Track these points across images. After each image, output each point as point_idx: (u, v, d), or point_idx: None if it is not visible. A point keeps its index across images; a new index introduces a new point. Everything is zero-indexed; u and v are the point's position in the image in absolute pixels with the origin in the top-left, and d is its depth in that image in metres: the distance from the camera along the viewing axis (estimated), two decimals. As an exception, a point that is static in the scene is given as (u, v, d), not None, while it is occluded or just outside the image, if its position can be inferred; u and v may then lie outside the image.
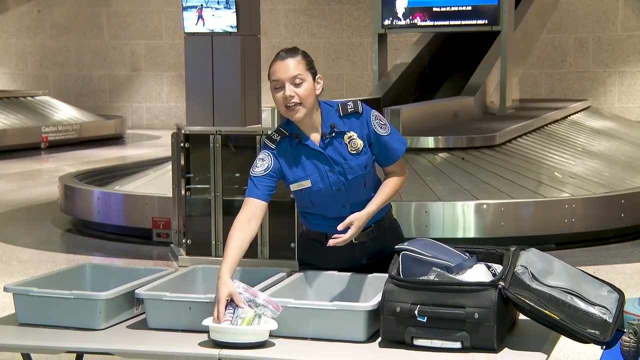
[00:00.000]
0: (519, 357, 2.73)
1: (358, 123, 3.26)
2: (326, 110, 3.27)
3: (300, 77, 3.18)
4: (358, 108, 3.27)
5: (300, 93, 3.18)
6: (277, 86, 3.20)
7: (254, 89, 9.28)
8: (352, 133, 3.25)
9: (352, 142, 3.24)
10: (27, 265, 7.56)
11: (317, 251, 3.35)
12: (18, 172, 13.97)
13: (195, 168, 7.38)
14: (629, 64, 18.99)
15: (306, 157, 3.26)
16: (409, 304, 2.78)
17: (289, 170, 3.26)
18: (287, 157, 3.26)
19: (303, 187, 3.26)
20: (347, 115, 3.26)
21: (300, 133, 3.26)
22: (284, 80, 3.18)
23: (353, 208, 3.26)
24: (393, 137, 3.30)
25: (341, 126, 3.25)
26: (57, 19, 22.31)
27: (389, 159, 3.30)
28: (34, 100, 18.53)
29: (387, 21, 11.84)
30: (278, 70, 3.19)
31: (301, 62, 3.21)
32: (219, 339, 2.81)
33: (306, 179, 3.26)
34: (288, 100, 3.17)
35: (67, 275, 3.39)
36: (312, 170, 3.26)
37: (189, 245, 7.25)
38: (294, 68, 3.18)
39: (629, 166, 10.17)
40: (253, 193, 3.22)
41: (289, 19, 20.89)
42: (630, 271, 7.15)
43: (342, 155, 3.25)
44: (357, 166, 3.25)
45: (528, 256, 2.96)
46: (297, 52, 3.23)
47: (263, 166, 3.24)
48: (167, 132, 10.62)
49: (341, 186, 3.26)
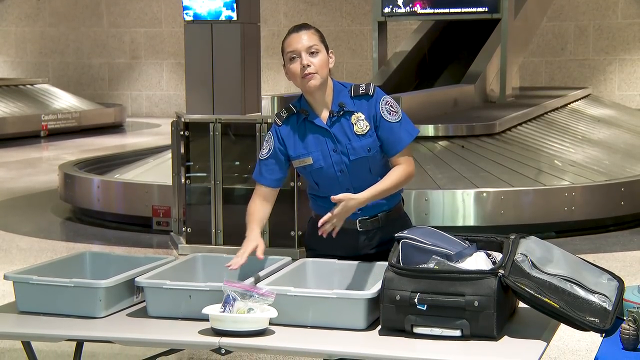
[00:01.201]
0: (519, 345, 2.73)
1: (367, 105, 3.27)
2: (338, 89, 3.30)
3: (315, 47, 3.23)
4: (369, 90, 3.28)
5: (316, 62, 3.22)
6: (293, 56, 3.23)
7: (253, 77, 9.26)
8: (359, 114, 3.26)
9: (358, 122, 3.26)
10: (27, 254, 7.57)
11: (323, 237, 3.36)
12: (18, 160, 13.97)
13: (195, 156, 7.38)
14: (629, 51, 18.96)
15: (311, 134, 3.28)
16: (408, 292, 2.78)
17: (292, 146, 3.29)
18: (292, 134, 3.29)
19: (305, 164, 3.28)
20: (358, 97, 3.28)
21: (309, 110, 3.29)
22: (300, 50, 3.22)
23: (357, 191, 3.25)
24: (401, 126, 3.28)
25: (350, 106, 3.27)
26: (56, 7, 22.27)
27: (393, 147, 3.29)
28: (33, 89, 18.51)
29: (387, 9, 11.82)
30: (294, 41, 3.24)
31: (315, 34, 3.27)
32: (219, 327, 2.81)
33: (308, 155, 3.28)
34: (305, 69, 3.21)
35: (67, 263, 3.39)
36: (315, 147, 3.27)
37: (188, 233, 7.26)
38: (309, 39, 3.24)
39: (629, 154, 10.17)
40: (261, 179, 3.33)
41: (289, 7, 20.85)
42: (630, 259, 7.16)
43: (347, 135, 3.26)
44: (360, 147, 3.25)
45: (528, 244, 2.96)
46: (310, 26, 3.30)
47: (267, 148, 3.32)
48: (166, 120, 10.62)
49: (343, 167, 3.26)
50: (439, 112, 9.85)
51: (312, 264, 3.29)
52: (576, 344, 4.88)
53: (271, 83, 20.51)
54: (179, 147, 7.42)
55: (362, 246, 3.34)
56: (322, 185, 3.31)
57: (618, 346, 2.68)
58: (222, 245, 7.11)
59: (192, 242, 7.22)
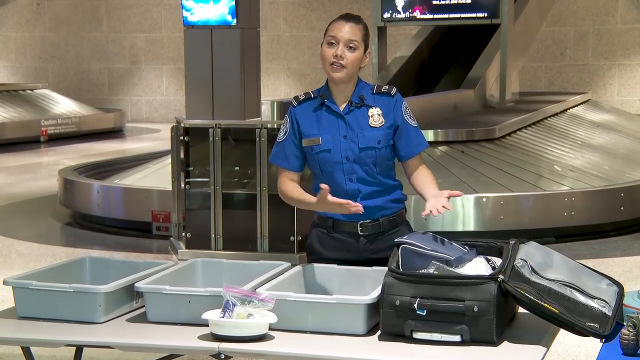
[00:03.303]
0: (519, 350, 2.73)
1: (387, 103, 3.34)
2: (361, 85, 3.37)
3: (355, 43, 3.29)
4: (391, 91, 3.37)
5: (349, 58, 3.28)
6: (331, 41, 3.31)
7: (253, 82, 9.27)
8: (378, 109, 3.32)
9: (374, 116, 3.32)
10: (26, 259, 7.57)
11: (324, 240, 3.36)
12: (17, 165, 13.96)
13: (195, 161, 7.37)
14: (628, 56, 18.97)
15: (325, 117, 3.33)
16: (408, 297, 2.78)
17: (305, 125, 3.34)
18: (306, 115, 3.35)
19: (313, 144, 3.32)
20: (379, 94, 3.36)
21: (328, 96, 3.34)
22: (340, 39, 3.29)
23: (360, 186, 3.29)
24: (418, 132, 3.38)
25: (370, 101, 3.34)
26: (56, 12, 22.28)
27: (412, 149, 3.36)
28: (33, 94, 18.51)
29: (387, 14, 11.83)
30: (338, 28, 3.30)
31: (361, 30, 3.32)
32: (219, 332, 2.81)
33: (318, 136, 3.32)
34: (337, 58, 3.27)
35: (67, 268, 3.39)
36: (327, 130, 3.32)
37: (188, 238, 7.26)
38: (353, 33, 3.29)
39: (629, 159, 10.17)
40: (283, 163, 3.38)
41: (289, 12, 20.87)
42: (630, 264, 7.15)
43: (360, 124, 3.31)
44: (371, 137, 3.29)
45: (527, 249, 2.96)
46: (360, 21, 3.36)
47: (283, 130, 3.39)
48: (166, 125, 10.60)
49: (350, 155, 3.29)
50: (438, 117, 9.85)
51: (311, 269, 3.29)
52: (576, 350, 4.88)
53: (271, 88, 20.51)
54: (179, 152, 7.42)
55: (362, 250, 3.34)
56: (325, 173, 3.33)
57: (618, 352, 2.68)
58: (221, 251, 7.10)
59: (191, 247, 7.22)
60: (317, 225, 3.42)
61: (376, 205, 3.32)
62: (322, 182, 3.29)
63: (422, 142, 3.40)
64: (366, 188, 3.31)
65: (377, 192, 3.33)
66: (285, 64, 20.95)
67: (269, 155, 6.93)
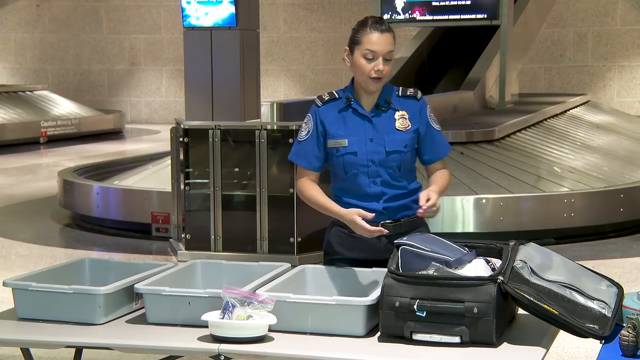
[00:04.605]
0: (518, 351, 2.73)
1: (412, 107, 3.33)
2: (387, 87, 3.36)
3: (391, 54, 3.29)
4: (417, 94, 3.37)
5: (387, 69, 3.28)
6: (370, 57, 3.25)
7: (253, 84, 9.27)
8: (404, 112, 3.32)
9: (401, 119, 3.31)
10: (26, 260, 7.57)
11: (345, 241, 3.35)
12: (17, 166, 13.96)
13: (195, 163, 7.38)
14: (628, 58, 18.98)
15: (352, 119, 3.32)
16: (408, 298, 2.78)
17: (331, 126, 3.32)
18: (332, 115, 3.33)
19: (339, 146, 3.30)
20: (405, 97, 3.35)
21: (354, 97, 3.33)
22: (380, 53, 3.25)
23: (384, 189, 3.28)
24: (442, 136, 3.39)
25: (396, 104, 3.33)
26: (56, 13, 22.29)
27: (436, 154, 3.36)
28: (32, 95, 18.51)
29: (387, 15, 11.83)
30: (377, 42, 3.25)
31: (394, 37, 3.31)
32: (218, 333, 2.81)
33: (344, 138, 3.30)
34: (378, 73, 3.25)
35: (66, 269, 3.39)
36: (353, 132, 3.30)
37: (188, 240, 7.26)
38: (390, 44, 3.28)
39: (628, 160, 10.18)
40: (303, 163, 3.36)
41: (288, 13, 20.88)
42: (629, 265, 7.16)
43: (386, 128, 3.30)
44: (398, 141, 3.29)
45: (527, 251, 2.96)
46: (390, 28, 3.31)
47: (306, 129, 3.36)
48: (166, 126, 10.61)
49: (376, 158, 3.28)
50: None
51: (311, 271, 3.29)
52: (575, 351, 4.88)
53: (270, 89, 20.52)
54: (179, 154, 7.42)
55: (383, 250, 3.30)
56: (349, 174, 3.32)
57: (617, 353, 2.68)
58: (221, 252, 7.10)
59: (191, 249, 7.22)
60: (336, 224, 3.39)
61: (398, 206, 3.32)
62: (345, 184, 3.30)
63: (447, 146, 3.41)
64: (390, 191, 3.31)
65: (400, 194, 3.33)
66: (285, 65, 20.96)
67: (268, 156, 7.00)
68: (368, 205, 3.27)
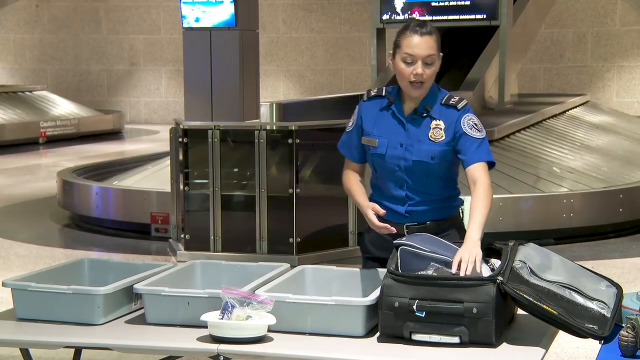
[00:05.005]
0: (518, 351, 2.73)
1: (451, 117, 3.26)
2: (433, 92, 3.30)
3: (432, 58, 3.24)
4: (458, 104, 3.28)
5: (428, 74, 3.23)
6: (409, 60, 3.22)
7: (252, 84, 9.27)
8: (440, 122, 3.26)
9: (435, 130, 3.25)
10: (25, 260, 7.56)
11: (375, 240, 3.34)
12: (16, 167, 13.96)
13: (194, 163, 7.37)
14: (627, 58, 18.98)
15: (388, 120, 3.30)
16: (407, 298, 2.78)
17: (367, 123, 3.33)
18: (371, 112, 3.33)
19: (370, 145, 3.31)
20: (446, 105, 3.29)
21: (397, 99, 3.30)
22: (419, 57, 3.22)
23: (409, 193, 3.25)
24: (482, 144, 3.24)
25: (435, 112, 3.27)
26: (55, 14, 22.28)
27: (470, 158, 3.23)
28: (32, 95, 18.50)
29: (386, 16, 11.83)
30: (416, 46, 3.22)
31: (436, 42, 3.26)
32: (218, 333, 2.81)
33: (375, 138, 3.30)
34: (417, 77, 3.21)
35: (66, 270, 3.39)
36: (385, 134, 3.29)
37: (187, 240, 7.25)
38: (430, 47, 3.24)
39: (628, 161, 10.17)
40: (348, 154, 3.40)
41: (288, 14, 20.87)
42: (629, 266, 7.15)
43: (419, 136, 3.26)
44: (426, 152, 3.24)
45: (526, 251, 2.96)
46: (433, 31, 3.27)
47: (352, 120, 3.39)
48: (165, 127, 10.61)
49: (402, 164, 3.26)
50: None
51: (310, 271, 3.29)
52: (575, 351, 4.87)
53: (270, 90, 20.51)
54: (178, 154, 7.42)
55: None
56: (379, 173, 3.33)
57: (617, 353, 2.68)
58: (220, 252, 7.10)
59: (190, 249, 7.21)
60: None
61: (424, 211, 3.27)
62: (377, 181, 3.32)
63: (482, 154, 3.22)
64: (415, 196, 3.26)
65: (428, 200, 3.28)
66: (284, 66, 20.95)
67: (267, 156, 7.00)
68: (392, 206, 3.27)
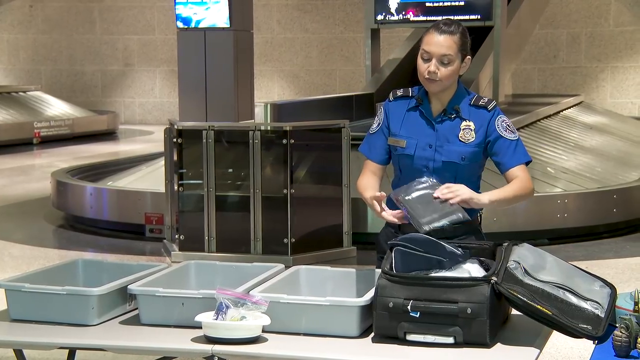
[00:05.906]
0: (512, 352, 2.74)
1: (481, 117, 3.26)
2: (460, 94, 3.30)
3: (449, 58, 3.21)
4: (489, 105, 3.28)
5: (443, 72, 3.21)
6: (425, 57, 3.23)
7: (247, 84, 9.27)
8: (470, 123, 3.25)
9: (466, 130, 3.25)
10: (19, 261, 7.55)
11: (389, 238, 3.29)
12: (10, 167, 13.94)
13: (188, 163, 7.37)
14: (621, 59, 19.02)
15: (416, 121, 3.29)
16: (401, 299, 2.78)
17: (394, 123, 3.31)
18: (398, 113, 3.32)
19: (397, 145, 3.29)
20: (475, 106, 3.27)
21: (425, 100, 3.29)
22: (433, 55, 3.21)
23: None
24: (517, 146, 3.26)
25: (465, 113, 3.26)
26: (49, 14, 22.25)
27: (507, 162, 3.24)
28: (26, 96, 18.48)
29: (380, 16, 11.84)
30: (432, 43, 3.21)
31: (457, 42, 3.22)
32: (212, 334, 2.81)
33: (403, 138, 3.28)
34: (430, 74, 3.21)
35: (60, 271, 3.38)
36: (414, 134, 3.27)
37: (181, 240, 7.25)
38: (447, 47, 3.20)
39: (622, 161, 10.19)
40: (370, 155, 3.36)
41: (282, 14, 20.87)
42: (623, 266, 7.17)
43: (448, 137, 3.25)
44: (456, 153, 3.23)
45: (521, 251, 2.96)
46: (456, 31, 3.23)
47: (376, 122, 3.37)
48: (159, 127, 10.60)
49: (431, 165, 3.25)
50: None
51: (305, 272, 3.29)
52: (569, 351, 4.88)
53: (264, 90, 20.51)
54: (172, 154, 7.42)
55: None
56: (404, 174, 3.30)
57: (610, 353, 2.68)
58: (215, 253, 7.10)
59: (185, 250, 7.21)
60: (387, 224, 3.40)
61: None
62: (400, 182, 3.27)
63: (520, 157, 3.25)
64: None
65: None
66: (279, 66, 20.95)
67: (262, 157, 7.00)
68: None
